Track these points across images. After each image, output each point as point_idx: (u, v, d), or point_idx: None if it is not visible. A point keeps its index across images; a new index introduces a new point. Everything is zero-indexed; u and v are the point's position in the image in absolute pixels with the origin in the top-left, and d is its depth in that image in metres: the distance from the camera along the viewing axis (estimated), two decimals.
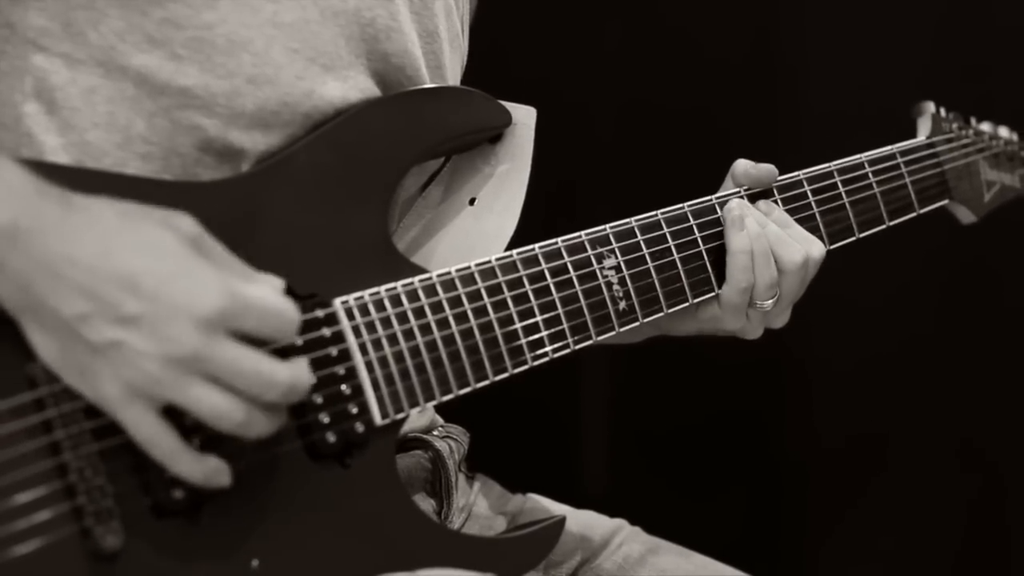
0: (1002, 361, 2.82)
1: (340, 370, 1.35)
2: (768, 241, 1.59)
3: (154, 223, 1.23)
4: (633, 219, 1.56)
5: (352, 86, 1.44)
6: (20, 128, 1.35)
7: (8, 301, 1.20)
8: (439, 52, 1.55)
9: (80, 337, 1.19)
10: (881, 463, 2.87)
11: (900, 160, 1.80)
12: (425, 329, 1.40)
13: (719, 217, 1.61)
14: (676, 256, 1.57)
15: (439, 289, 1.41)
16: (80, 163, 1.35)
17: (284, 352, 1.31)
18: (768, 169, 1.65)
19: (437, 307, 1.41)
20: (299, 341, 1.33)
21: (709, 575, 1.69)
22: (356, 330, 1.36)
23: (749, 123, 2.72)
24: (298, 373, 1.25)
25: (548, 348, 1.48)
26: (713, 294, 1.60)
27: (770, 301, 1.59)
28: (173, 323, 1.19)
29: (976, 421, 2.82)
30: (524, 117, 1.54)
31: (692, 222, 1.59)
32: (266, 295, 1.25)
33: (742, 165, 1.65)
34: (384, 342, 1.38)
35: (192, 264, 1.23)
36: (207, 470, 1.24)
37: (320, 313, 1.35)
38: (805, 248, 1.61)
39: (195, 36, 1.36)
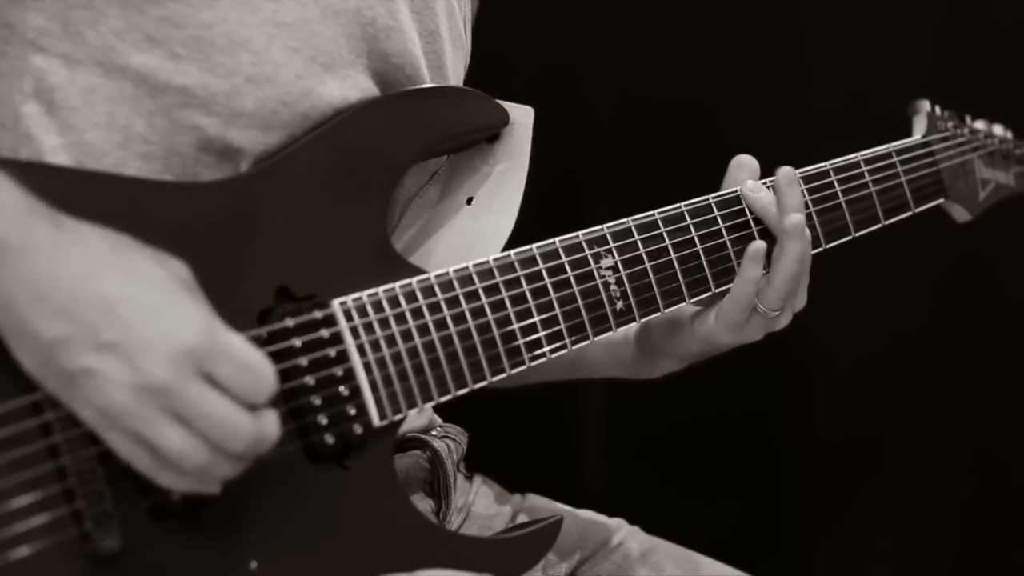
0: (1001, 360, 2.82)
1: (338, 371, 1.35)
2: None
3: (145, 256, 1.23)
4: (630, 219, 1.56)
5: (351, 85, 1.44)
6: (19, 128, 1.35)
7: None
8: (440, 52, 1.55)
9: (55, 362, 1.18)
10: (880, 463, 2.87)
11: (896, 159, 1.79)
12: (423, 330, 1.40)
13: (715, 216, 1.60)
14: (673, 256, 1.57)
15: (437, 290, 1.41)
16: (80, 163, 1.34)
17: (280, 355, 1.31)
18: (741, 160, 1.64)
19: (435, 308, 1.41)
20: (298, 343, 1.33)
21: (708, 575, 1.69)
22: (354, 331, 1.36)
23: (745, 122, 2.72)
24: (265, 428, 1.23)
25: (546, 349, 1.48)
26: (709, 294, 1.59)
27: (776, 312, 1.59)
28: (147, 353, 1.18)
29: (976, 421, 2.82)
30: (522, 117, 1.54)
31: (688, 221, 1.59)
32: (247, 347, 1.22)
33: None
34: (382, 343, 1.37)
35: (177, 299, 1.22)
36: (191, 482, 1.22)
37: (318, 314, 1.35)
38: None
39: (194, 35, 1.36)
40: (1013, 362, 2.81)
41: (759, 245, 1.58)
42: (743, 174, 1.64)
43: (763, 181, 1.63)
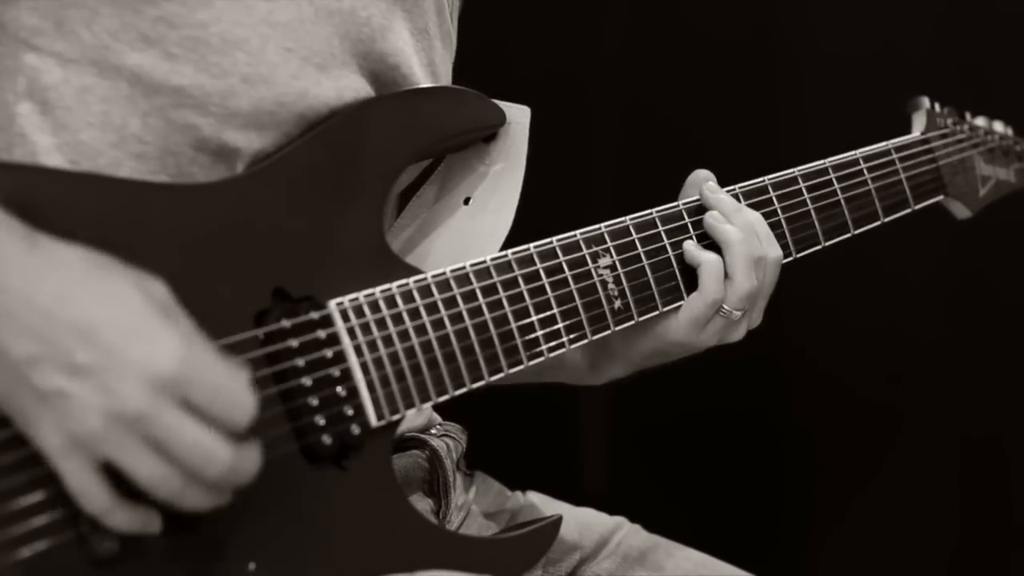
0: (1005, 361, 2.82)
1: (335, 372, 1.35)
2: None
3: (122, 278, 1.19)
4: (628, 218, 1.56)
5: (345, 85, 1.43)
6: (13, 128, 1.34)
7: None
8: (430, 49, 1.55)
9: (27, 381, 1.15)
10: (881, 463, 2.87)
11: (895, 156, 1.80)
12: (420, 330, 1.39)
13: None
14: (671, 254, 1.57)
15: (434, 290, 1.41)
16: (74, 163, 1.34)
17: (277, 356, 1.31)
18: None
19: (432, 308, 1.41)
20: (295, 344, 1.33)
21: (708, 573, 1.68)
22: (351, 332, 1.36)
23: (744, 120, 2.72)
24: (243, 458, 1.20)
25: (543, 347, 1.47)
26: None
27: (739, 312, 1.58)
28: (123, 380, 1.15)
29: (977, 421, 2.82)
30: (518, 116, 1.54)
31: (687, 220, 1.59)
32: (224, 372, 1.20)
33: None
34: (379, 343, 1.37)
35: (154, 323, 1.18)
36: (135, 523, 1.20)
37: (315, 315, 1.35)
38: (764, 249, 1.59)
39: (189, 35, 1.36)
40: (1015, 364, 2.81)
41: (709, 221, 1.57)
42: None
43: (737, 186, 1.63)
